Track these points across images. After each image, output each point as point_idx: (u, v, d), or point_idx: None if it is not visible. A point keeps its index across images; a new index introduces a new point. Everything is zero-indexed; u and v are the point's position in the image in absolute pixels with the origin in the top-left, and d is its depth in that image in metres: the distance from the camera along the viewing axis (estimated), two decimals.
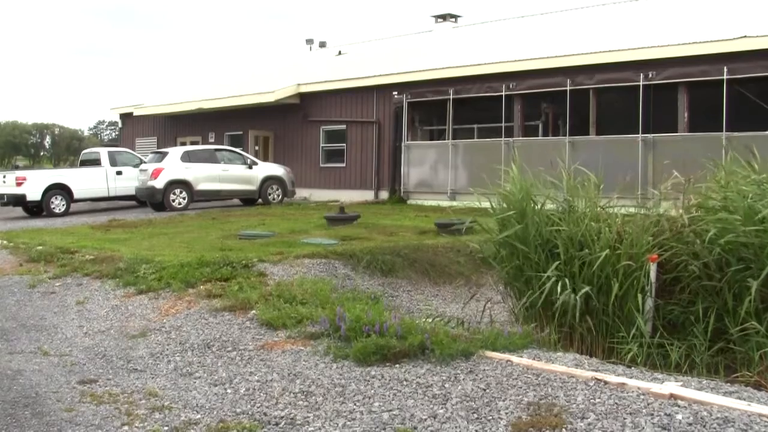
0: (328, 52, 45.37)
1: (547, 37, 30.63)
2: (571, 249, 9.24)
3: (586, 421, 5.93)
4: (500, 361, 7.59)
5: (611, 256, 9.06)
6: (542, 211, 9.75)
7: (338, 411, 6.63)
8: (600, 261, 9.00)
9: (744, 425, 5.63)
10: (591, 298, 9.05)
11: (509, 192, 10.06)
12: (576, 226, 9.41)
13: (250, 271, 12.30)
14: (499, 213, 10.08)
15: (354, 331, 8.44)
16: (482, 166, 27.38)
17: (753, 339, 8.17)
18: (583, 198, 9.82)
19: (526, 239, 9.56)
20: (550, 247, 9.45)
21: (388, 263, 13.60)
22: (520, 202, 9.80)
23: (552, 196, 9.95)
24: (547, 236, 9.47)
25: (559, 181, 10.22)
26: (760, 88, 21.86)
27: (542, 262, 9.39)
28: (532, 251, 9.48)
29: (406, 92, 30.21)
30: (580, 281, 9.09)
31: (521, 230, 9.60)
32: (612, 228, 9.33)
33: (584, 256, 9.14)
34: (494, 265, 10.59)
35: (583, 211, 9.64)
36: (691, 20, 26.60)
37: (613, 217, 9.63)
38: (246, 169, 29.03)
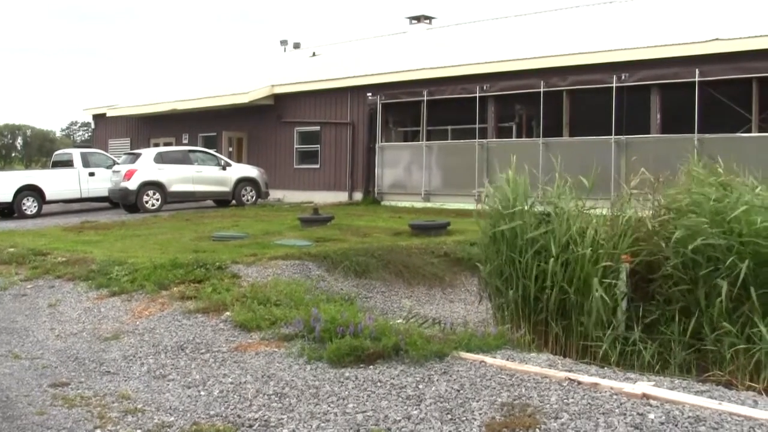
0: (303, 53, 45.30)
1: (521, 39, 30.72)
2: (555, 249, 9.27)
3: (559, 421, 5.95)
4: (474, 361, 7.60)
5: (592, 256, 9.13)
6: (531, 212, 9.78)
7: (312, 412, 6.62)
8: (581, 261, 9.07)
9: (715, 424, 5.67)
10: (568, 299, 9.11)
11: (503, 193, 10.07)
12: (561, 226, 9.45)
13: (224, 272, 12.26)
14: (494, 213, 10.07)
15: (328, 332, 8.43)
16: (456, 167, 27.57)
17: (725, 339, 8.24)
18: (569, 200, 9.87)
19: (513, 239, 9.59)
20: (536, 248, 9.47)
21: (362, 264, 13.59)
22: (513, 203, 9.82)
23: (546, 198, 9.98)
24: (534, 237, 9.48)
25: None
26: (732, 91, 22.03)
27: (528, 261, 9.41)
28: (517, 251, 9.51)
29: (380, 93, 30.22)
30: (559, 281, 9.14)
31: (509, 231, 9.62)
32: (597, 230, 9.41)
33: (568, 254, 9.20)
34: (479, 266, 10.58)
35: (569, 213, 9.69)
36: (663, 23, 26.75)
37: (599, 219, 9.71)
38: (220, 170, 28.91)
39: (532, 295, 9.30)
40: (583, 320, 9.11)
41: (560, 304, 9.20)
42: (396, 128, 31.38)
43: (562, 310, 9.22)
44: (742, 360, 7.96)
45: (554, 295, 9.13)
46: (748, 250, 8.27)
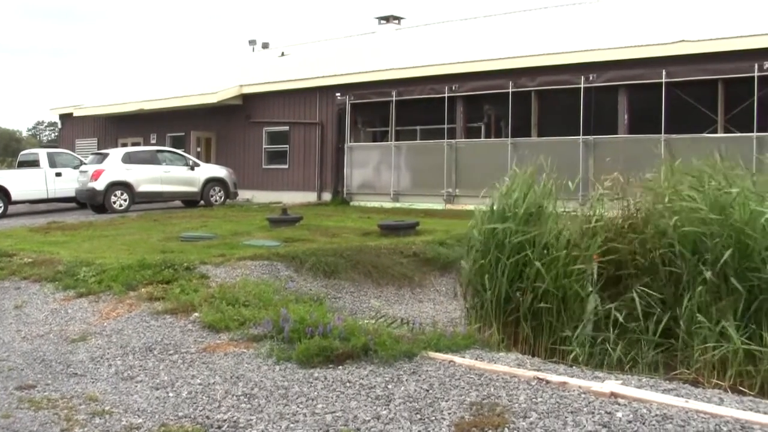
0: (271, 53, 45.21)
1: (490, 40, 30.82)
2: (535, 250, 9.32)
3: (528, 420, 5.98)
4: (443, 361, 7.62)
5: (567, 256, 9.18)
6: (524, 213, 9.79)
7: (281, 413, 6.61)
8: (556, 262, 9.13)
9: (682, 422, 5.72)
10: (537, 298, 9.16)
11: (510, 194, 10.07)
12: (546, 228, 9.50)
13: (192, 273, 12.21)
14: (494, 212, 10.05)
15: (297, 332, 8.43)
16: (425, 167, 27.62)
17: (695, 336, 8.31)
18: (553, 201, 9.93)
19: (503, 240, 9.61)
20: (517, 248, 9.48)
21: (331, 265, 13.57)
22: (514, 203, 9.83)
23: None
24: (514, 238, 9.49)
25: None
26: (698, 92, 22.22)
27: (507, 263, 9.42)
28: (504, 252, 9.53)
29: (349, 93, 30.21)
30: (531, 281, 9.19)
31: (501, 231, 9.63)
32: (571, 231, 9.47)
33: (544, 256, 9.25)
34: (462, 265, 10.57)
35: (550, 213, 9.75)
36: (631, 24, 26.93)
37: (574, 220, 9.77)
38: (188, 170, 28.77)
39: (503, 295, 9.32)
40: (551, 320, 9.15)
41: (531, 304, 9.24)
42: (365, 128, 31.40)
43: (533, 310, 9.26)
44: (710, 358, 8.03)
45: (530, 296, 9.17)
46: (733, 237, 8.35)
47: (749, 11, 24.14)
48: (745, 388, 7.68)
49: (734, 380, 7.85)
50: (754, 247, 8.22)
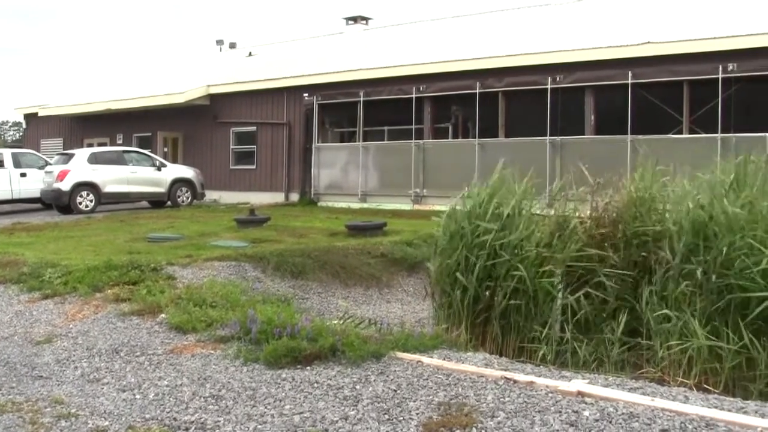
0: (239, 53, 45.06)
1: (458, 41, 30.88)
2: (506, 252, 9.34)
3: (496, 420, 6.00)
4: (411, 362, 7.63)
5: (536, 257, 9.23)
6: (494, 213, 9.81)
7: (249, 414, 6.59)
8: (525, 262, 9.16)
9: (648, 420, 5.77)
10: (506, 298, 9.19)
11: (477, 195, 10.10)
12: (520, 228, 9.52)
13: (159, 274, 12.15)
14: (460, 212, 10.09)
15: (265, 333, 8.40)
16: (393, 167, 27.64)
17: (660, 333, 8.38)
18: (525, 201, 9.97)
19: (472, 240, 9.63)
20: (489, 249, 9.50)
21: (298, 265, 13.56)
22: (486, 204, 9.85)
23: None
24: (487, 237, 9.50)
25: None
26: (663, 93, 22.39)
27: (478, 263, 9.44)
28: (472, 252, 9.55)
29: (317, 94, 30.17)
30: (503, 281, 9.23)
31: (470, 230, 9.65)
32: (541, 231, 9.51)
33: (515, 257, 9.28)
34: (429, 265, 10.58)
35: (524, 215, 9.78)
36: (598, 26, 27.11)
37: (542, 220, 9.81)
38: (155, 171, 28.62)
39: (472, 295, 9.35)
40: (519, 320, 9.19)
41: (500, 303, 9.27)
42: (333, 129, 31.38)
43: (501, 309, 9.29)
44: (675, 354, 8.09)
45: (502, 296, 9.19)
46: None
47: (714, 13, 24.38)
48: (710, 386, 7.75)
49: (699, 378, 7.91)
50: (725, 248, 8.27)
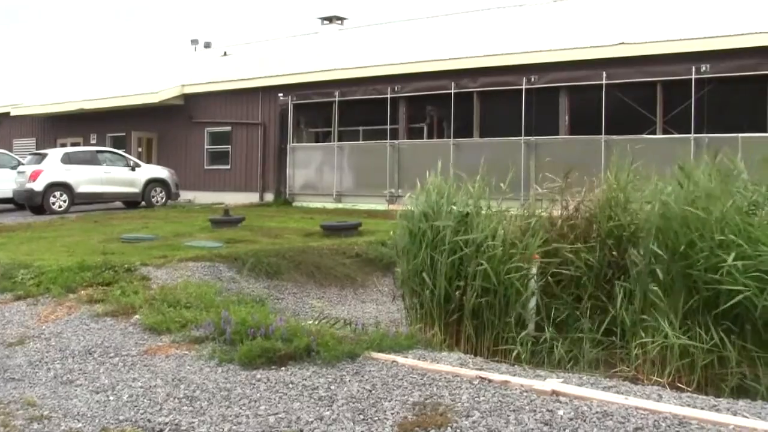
0: (214, 52, 44.90)
1: (433, 41, 30.92)
2: (468, 250, 9.35)
3: (470, 419, 6.01)
4: (386, 361, 7.63)
5: (503, 255, 9.24)
6: (452, 212, 9.82)
7: (224, 415, 6.57)
8: (494, 261, 9.18)
9: (622, 418, 5.80)
10: (477, 297, 9.21)
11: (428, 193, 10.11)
12: (480, 227, 9.54)
13: (133, 275, 12.09)
14: (416, 212, 10.09)
15: (239, 334, 8.38)
16: (367, 168, 27.67)
17: (634, 333, 8.43)
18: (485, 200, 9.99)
19: (434, 239, 9.63)
20: (451, 247, 9.51)
21: (273, 266, 13.54)
22: (436, 203, 9.87)
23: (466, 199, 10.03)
24: (450, 237, 9.51)
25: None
26: (637, 93, 22.54)
27: (443, 262, 9.45)
28: (437, 251, 9.56)
29: (292, 94, 30.16)
30: (472, 280, 9.23)
31: (430, 230, 9.66)
32: (508, 230, 9.52)
33: (481, 254, 9.29)
34: (396, 266, 10.60)
35: (486, 213, 9.79)
36: (572, 26, 27.23)
37: (512, 219, 9.83)
38: (129, 171, 28.50)
39: (443, 295, 9.36)
40: (493, 319, 9.21)
41: (472, 303, 9.29)
42: (307, 129, 31.37)
43: (474, 309, 9.31)
44: (649, 350, 8.14)
45: (471, 295, 9.21)
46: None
47: (688, 15, 24.54)
48: (683, 385, 7.81)
49: (673, 377, 7.97)
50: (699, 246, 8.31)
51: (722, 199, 8.34)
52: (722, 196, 8.41)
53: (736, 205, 8.37)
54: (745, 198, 8.68)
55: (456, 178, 10.30)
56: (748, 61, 20.85)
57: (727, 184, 8.71)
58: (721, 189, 8.57)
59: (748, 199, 8.68)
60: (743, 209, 8.45)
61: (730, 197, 8.43)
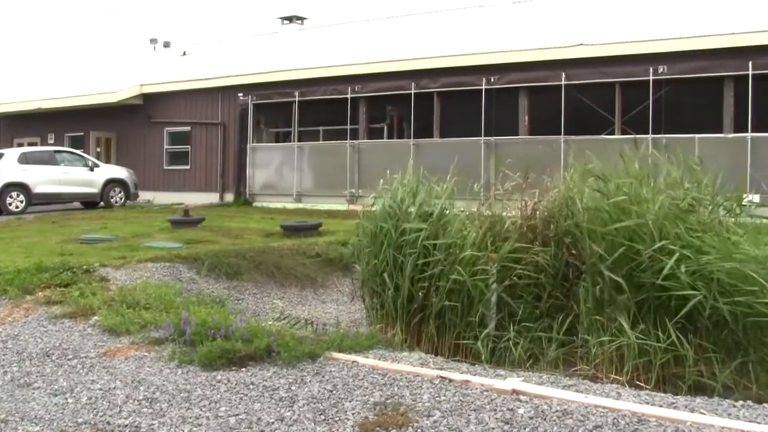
0: (173, 52, 44.65)
1: (393, 41, 30.98)
2: (441, 255, 9.38)
3: (431, 419, 6.02)
4: (346, 362, 7.63)
5: (471, 257, 9.28)
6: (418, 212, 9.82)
7: (184, 417, 6.54)
8: (457, 261, 9.21)
9: (581, 416, 5.84)
10: (440, 298, 9.24)
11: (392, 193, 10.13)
12: (450, 228, 9.57)
13: (92, 276, 11.99)
14: (378, 212, 10.10)
15: (199, 335, 8.34)
16: (328, 168, 27.66)
17: (592, 333, 8.49)
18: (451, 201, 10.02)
19: (397, 239, 9.64)
20: (419, 249, 9.53)
21: (233, 266, 13.49)
22: (402, 203, 9.88)
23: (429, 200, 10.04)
24: (416, 237, 9.52)
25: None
26: (596, 94, 22.72)
27: (407, 262, 9.46)
28: (399, 252, 9.56)
29: (252, 94, 30.08)
30: (437, 281, 9.26)
31: (394, 230, 9.66)
32: (471, 231, 9.56)
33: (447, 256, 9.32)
34: (355, 266, 10.61)
35: (450, 214, 9.83)
36: (532, 27, 27.39)
37: (473, 220, 9.87)
38: (87, 171, 28.25)
39: (405, 295, 9.38)
40: (454, 319, 9.25)
41: (433, 302, 9.32)
42: (267, 129, 31.31)
43: (435, 309, 9.34)
44: (607, 350, 8.21)
45: (437, 297, 9.24)
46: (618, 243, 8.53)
47: (646, 16, 24.77)
48: (642, 383, 7.88)
49: (631, 375, 8.04)
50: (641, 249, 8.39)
51: (648, 205, 8.46)
52: (646, 201, 8.53)
53: (664, 209, 8.45)
54: (677, 199, 8.72)
55: (417, 177, 10.34)
56: (703, 63, 21.11)
57: (647, 187, 8.83)
58: (637, 194, 8.69)
59: (680, 200, 8.71)
60: (675, 212, 8.52)
61: (655, 201, 8.52)
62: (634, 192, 8.73)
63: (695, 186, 8.90)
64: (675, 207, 8.55)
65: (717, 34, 21.08)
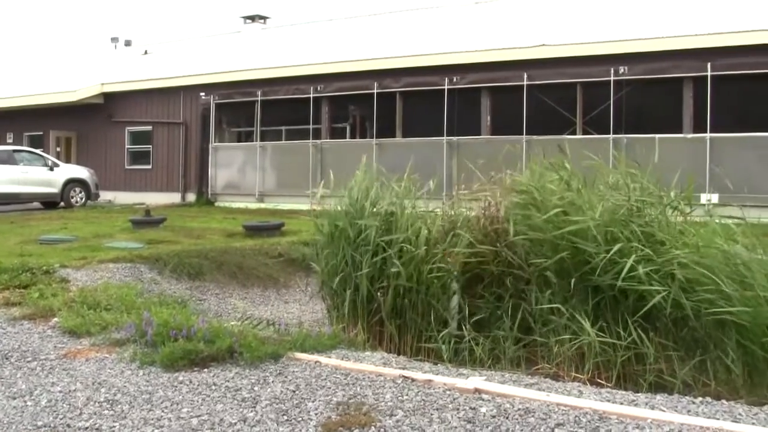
0: (134, 51, 44.37)
1: (356, 41, 31.00)
2: (393, 249, 9.39)
3: (394, 419, 6.03)
4: (309, 362, 7.62)
5: (426, 255, 9.29)
6: (376, 211, 9.84)
7: (146, 419, 6.49)
8: (415, 260, 9.22)
9: (544, 414, 5.87)
10: (400, 297, 9.26)
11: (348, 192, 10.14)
12: (404, 227, 9.57)
13: (52, 277, 11.88)
14: (335, 212, 10.11)
15: (161, 336, 8.28)
16: (290, 167, 27.63)
17: (552, 332, 8.54)
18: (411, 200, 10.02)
19: (355, 239, 9.64)
20: (374, 248, 9.53)
21: (195, 266, 13.43)
22: (359, 201, 9.88)
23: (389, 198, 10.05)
24: (375, 237, 9.53)
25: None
26: (558, 94, 22.87)
27: (365, 261, 9.47)
28: (357, 251, 9.56)
29: (214, 93, 29.97)
30: (394, 280, 9.27)
31: (352, 230, 9.67)
32: (431, 230, 9.57)
33: (404, 254, 9.33)
34: (314, 266, 10.61)
35: (409, 213, 9.83)
36: (494, 28, 27.52)
37: (433, 218, 9.88)
38: (47, 171, 28.00)
39: (365, 295, 9.39)
40: (416, 319, 9.27)
41: (394, 303, 9.33)
42: (230, 128, 31.22)
43: (396, 309, 9.35)
44: (567, 351, 8.26)
45: (392, 295, 9.25)
46: (566, 246, 8.57)
47: (607, 18, 24.97)
48: (603, 381, 7.94)
49: (592, 373, 8.09)
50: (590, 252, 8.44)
51: (589, 212, 8.54)
52: (585, 210, 8.61)
53: (607, 214, 8.53)
54: (622, 203, 8.79)
55: (379, 176, 10.36)
56: (663, 64, 21.32)
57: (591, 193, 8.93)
58: (576, 203, 8.79)
59: (625, 203, 8.79)
60: (625, 215, 8.60)
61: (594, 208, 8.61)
62: (571, 200, 8.82)
63: (639, 188, 8.97)
64: (625, 210, 8.61)
65: (676, 36, 21.30)
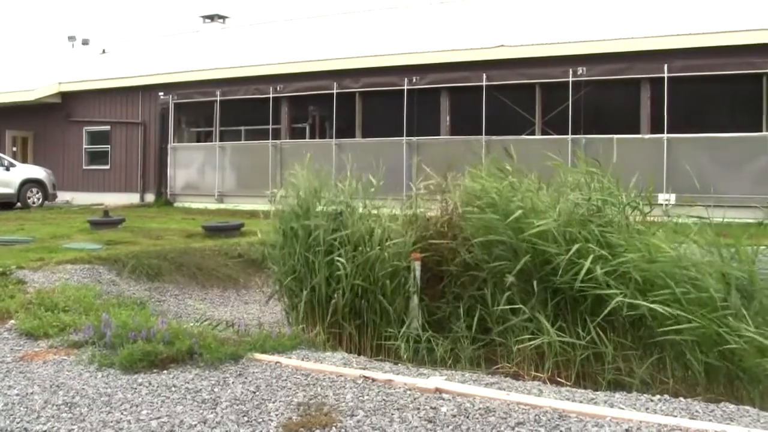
0: (92, 50, 44.02)
1: (316, 41, 30.98)
2: (345, 248, 9.40)
3: (355, 419, 6.04)
4: (269, 363, 7.61)
5: (380, 254, 9.30)
6: (324, 211, 9.85)
7: (104, 421, 6.45)
8: (370, 260, 9.24)
9: (504, 413, 5.91)
10: (358, 297, 9.27)
11: (297, 192, 10.14)
12: (353, 226, 9.58)
13: (8, 278, 11.76)
14: (287, 212, 10.11)
15: (120, 337, 8.23)
16: (250, 168, 27.56)
17: (511, 333, 8.59)
18: (360, 199, 10.03)
19: (307, 239, 9.65)
20: (326, 247, 9.55)
21: (154, 267, 13.36)
22: (305, 201, 9.89)
23: (338, 198, 10.07)
24: (324, 237, 9.55)
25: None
26: (517, 95, 23.00)
27: (318, 262, 9.48)
28: (311, 251, 9.57)
29: (173, 93, 29.80)
30: (351, 280, 9.28)
31: (302, 230, 9.67)
32: (386, 229, 9.57)
33: (357, 255, 9.33)
34: (271, 267, 10.60)
35: (361, 212, 9.85)
36: (454, 28, 27.61)
37: (390, 218, 9.89)
38: (3, 171, 27.72)
39: (324, 295, 9.40)
40: (375, 319, 9.29)
41: (353, 303, 9.35)
42: (189, 128, 31.07)
43: (355, 309, 9.37)
44: (526, 350, 8.31)
45: (346, 295, 9.26)
46: (527, 248, 8.62)
47: (566, 19, 25.16)
48: (562, 379, 8.01)
49: (552, 372, 8.15)
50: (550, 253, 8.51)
51: (546, 213, 8.62)
52: (542, 211, 8.70)
53: (566, 215, 8.61)
54: (581, 203, 8.87)
55: (327, 176, 10.39)
56: (621, 65, 21.52)
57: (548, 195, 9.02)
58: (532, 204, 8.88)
59: (585, 203, 8.87)
60: (584, 215, 8.69)
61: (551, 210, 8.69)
62: (531, 203, 8.89)
63: (599, 188, 9.05)
64: (585, 210, 8.69)
65: (634, 37, 21.52)
